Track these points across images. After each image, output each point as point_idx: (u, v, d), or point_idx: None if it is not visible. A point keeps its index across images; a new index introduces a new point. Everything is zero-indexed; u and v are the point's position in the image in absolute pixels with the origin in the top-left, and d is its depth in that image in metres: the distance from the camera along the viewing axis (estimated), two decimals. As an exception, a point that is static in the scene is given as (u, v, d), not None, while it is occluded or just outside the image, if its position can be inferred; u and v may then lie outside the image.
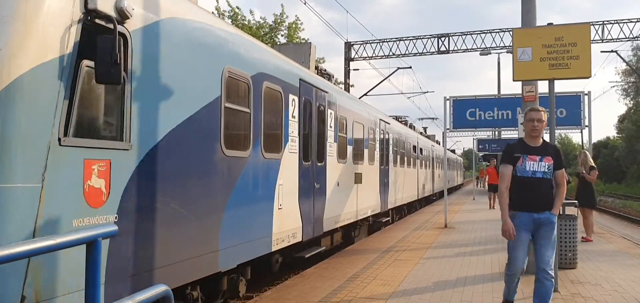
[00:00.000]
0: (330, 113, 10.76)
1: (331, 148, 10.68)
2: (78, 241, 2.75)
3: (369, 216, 14.08)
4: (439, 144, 36.27)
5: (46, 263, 3.82)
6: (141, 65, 4.86)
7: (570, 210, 9.62)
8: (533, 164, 5.49)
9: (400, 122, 22.45)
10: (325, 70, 12.31)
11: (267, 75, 7.68)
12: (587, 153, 12.72)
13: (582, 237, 11.24)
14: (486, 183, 51.48)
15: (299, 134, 8.86)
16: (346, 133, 11.86)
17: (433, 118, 43.97)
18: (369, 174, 13.95)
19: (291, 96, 8.54)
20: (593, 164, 12.11)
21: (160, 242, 5.13)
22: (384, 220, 15.92)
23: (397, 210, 19.09)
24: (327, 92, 10.62)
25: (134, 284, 4.68)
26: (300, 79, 9.05)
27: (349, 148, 12.10)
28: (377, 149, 15.07)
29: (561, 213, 8.92)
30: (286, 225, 8.32)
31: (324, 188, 10.21)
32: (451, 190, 42.97)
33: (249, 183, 7.14)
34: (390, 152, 16.98)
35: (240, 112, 6.90)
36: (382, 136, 15.81)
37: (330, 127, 10.66)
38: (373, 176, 14.49)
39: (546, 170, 5.48)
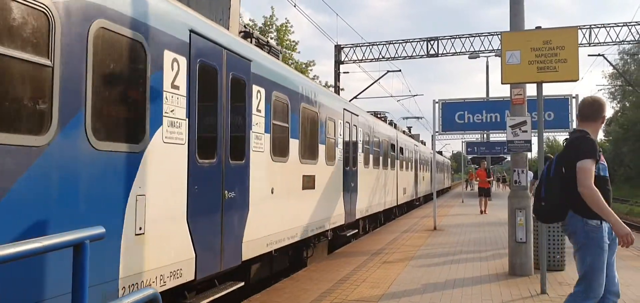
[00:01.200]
0: (259, 92, 7.78)
1: (259, 141, 7.80)
2: (65, 243, 2.72)
3: (327, 231, 11.34)
4: (425, 144, 35.97)
5: None
6: None
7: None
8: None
9: (380, 119, 20.13)
10: (266, 41, 9.55)
11: (106, 10, 4.70)
12: None
13: None
14: (476, 186, 51.44)
15: (188, 116, 5.89)
16: (288, 122, 8.98)
17: (418, 117, 43.82)
18: (327, 177, 11.16)
19: (171, 55, 5.59)
20: None
21: None
22: (349, 233, 12.88)
23: (371, 219, 16.60)
24: (250, 60, 7.52)
25: None
26: (191, 32, 6.02)
27: (293, 143, 9.18)
28: (340, 146, 12.24)
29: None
30: (158, 258, 5.36)
31: (245, 197, 7.28)
32: (438, 194, 42.25)
33: (44, 194, 4.07)
34: (360, 150, 14.22)
35: (22, 64, 3.89)
36: (347, 131, 12.99)
37: (258, 111, 7.75)
38: (333, 179, 11.66)
39: None
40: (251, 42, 8.69)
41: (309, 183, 10.00)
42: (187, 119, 5.91)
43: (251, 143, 7.55)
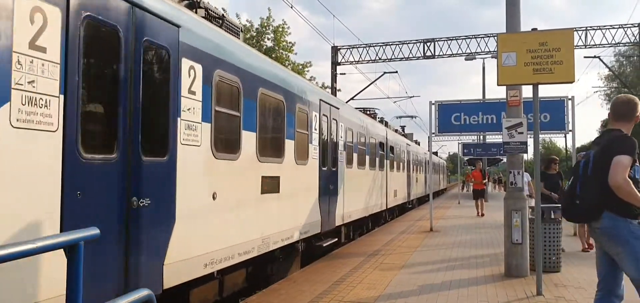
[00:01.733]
0: (193, 69, 6.07)
1: (191, 132, 6.00)
2: (59, 244, 2.71)
3: (298, 241, 9.72)
4: (419, 144, 35.47)
5: None
6: None
7: (554, 215, 9.68)
8: None
9: (369, 115, 18.57)
10: (221, 15, 7.86)
11: None
12: None
13: (583, 248, 11.18)
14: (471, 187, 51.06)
15: (65, 91, 4.28)
16: (240, 111, 7.24)
17: (412, 116, 43.42)
18: (298, 178, 9.54)
19: (30, 3, 3.99)
20: None
21: None
22: (326, 243, 11.18)
23: (357, 225, 15.06)
24: (178, 26, 5.82)
25: None
26: None
27: (247, 136, 7.43)
28: (316, 143, 10.58)
29: (546, 216, 9.02)
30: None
31: (168, 205, 5.61)
32: (433, 195, 38.91)
33: None
34: (341, 148, 12.48)
35: None
36: (325, 125, 11.36)
37: (192, 93, 6.03)
38: (306, 181, 9.98)
39: None
40: (196, 12, 6.96)
41: (271, 186, 8.29)
42: (61, 96, 4.23)
43: (179, 133, 5.77)
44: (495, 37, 22.29)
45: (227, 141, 7.02)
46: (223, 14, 7.89)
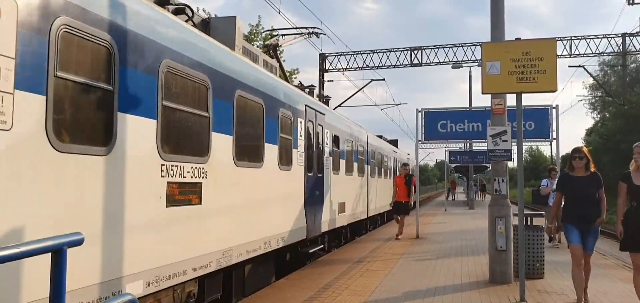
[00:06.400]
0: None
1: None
2: (43, 249, 2.71)
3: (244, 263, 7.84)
4: (409, 157, 34.69)
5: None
6: None
7: (538, 221, 9.80)
8: None
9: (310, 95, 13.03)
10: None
11: None
12: None
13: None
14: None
15: None
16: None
17: (398, 104, 42.33)
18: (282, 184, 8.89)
19: None
20: None
21: None
22: (312, 250, 10.40)
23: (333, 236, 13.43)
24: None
25: None
26: None
27: (148, 123, 5.49)
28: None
29: (528, 223, 9.15)
30: None
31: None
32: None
33: None
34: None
35: None
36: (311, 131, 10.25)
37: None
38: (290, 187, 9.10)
39: None
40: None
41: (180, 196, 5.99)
42: None
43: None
44: (482, 46, 22.53)
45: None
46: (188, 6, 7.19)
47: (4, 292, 3.87)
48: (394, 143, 30.05)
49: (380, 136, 24.56)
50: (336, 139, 13.56)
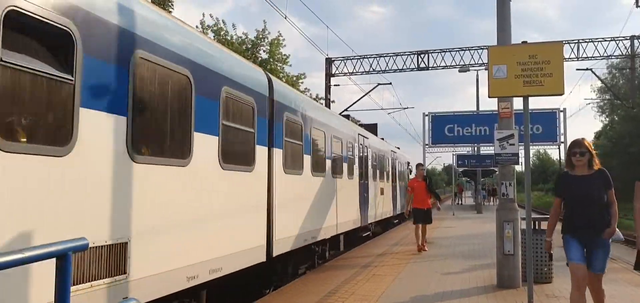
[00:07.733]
0: None
1: None
2: (48, 254, 2.72)
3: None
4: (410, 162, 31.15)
5: None
6: None
7: (546, 225, 9.72)
8: None
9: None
10: None
11: None
12: None
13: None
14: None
15: None
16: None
17: (405, 108, 41.78)
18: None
19: None
20: None
21: None
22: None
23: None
24: None
25: None
26: None
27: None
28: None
29: (536, 227, 9.08)
30: None
31: None
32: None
33: None
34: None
35: None
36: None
37: None
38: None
39: None
40: None
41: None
42: None
43: None
44: (488, 49, 22.44)
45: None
46: None
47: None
48: (373, 129, 23.52)
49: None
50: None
